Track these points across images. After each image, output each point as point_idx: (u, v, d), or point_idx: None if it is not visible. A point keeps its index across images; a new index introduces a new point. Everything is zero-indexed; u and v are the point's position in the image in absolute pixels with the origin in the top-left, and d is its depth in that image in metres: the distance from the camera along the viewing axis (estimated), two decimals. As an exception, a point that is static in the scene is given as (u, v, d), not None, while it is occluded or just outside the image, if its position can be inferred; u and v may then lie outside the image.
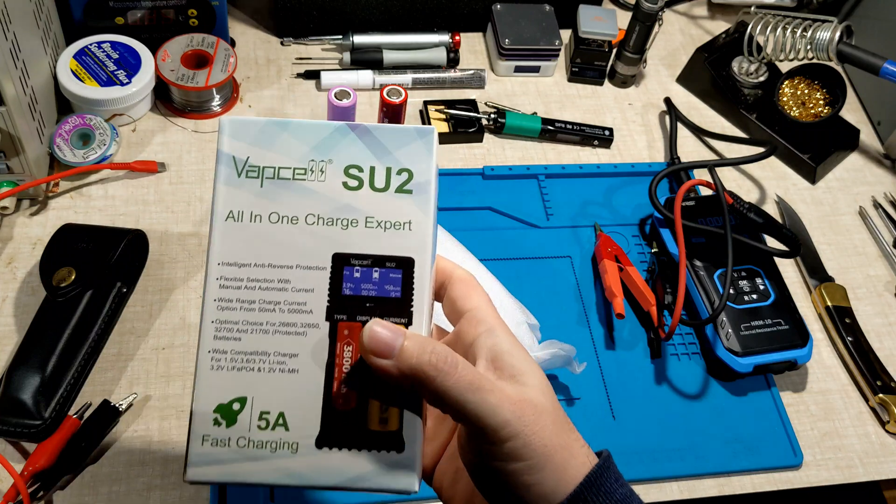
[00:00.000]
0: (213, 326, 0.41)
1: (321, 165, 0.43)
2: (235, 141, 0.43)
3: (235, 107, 0.87)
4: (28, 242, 0.74)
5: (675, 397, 0.73)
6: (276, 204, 0.42)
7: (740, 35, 0.94)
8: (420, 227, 0.42)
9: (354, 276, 0.41)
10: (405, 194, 0.42)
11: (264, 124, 0.43)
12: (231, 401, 0.40)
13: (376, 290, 0.41)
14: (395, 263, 0.42)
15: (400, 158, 0.43)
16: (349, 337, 0.41)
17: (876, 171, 0.94)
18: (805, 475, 0.71)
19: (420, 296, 0.41)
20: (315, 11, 0.92)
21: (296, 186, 0.42)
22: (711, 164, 0.82)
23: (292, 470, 0.39)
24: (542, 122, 0.88)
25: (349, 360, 0.40)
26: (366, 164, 0.42)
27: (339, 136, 0.43)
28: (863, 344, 0.77)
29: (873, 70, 0.84)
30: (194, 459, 0.39)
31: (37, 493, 0.61)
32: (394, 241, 0.42)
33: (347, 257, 0.42)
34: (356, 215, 0.42)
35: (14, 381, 0.63)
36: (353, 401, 0.40)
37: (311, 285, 0.41)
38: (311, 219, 0.42)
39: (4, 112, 0.67)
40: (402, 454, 0.39)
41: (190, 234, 0.77)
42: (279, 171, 0.42)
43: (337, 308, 0.41)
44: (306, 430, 0.40)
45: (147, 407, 0.67)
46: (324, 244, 0.42)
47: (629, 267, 0.77)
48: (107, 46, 0.82)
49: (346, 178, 0.42)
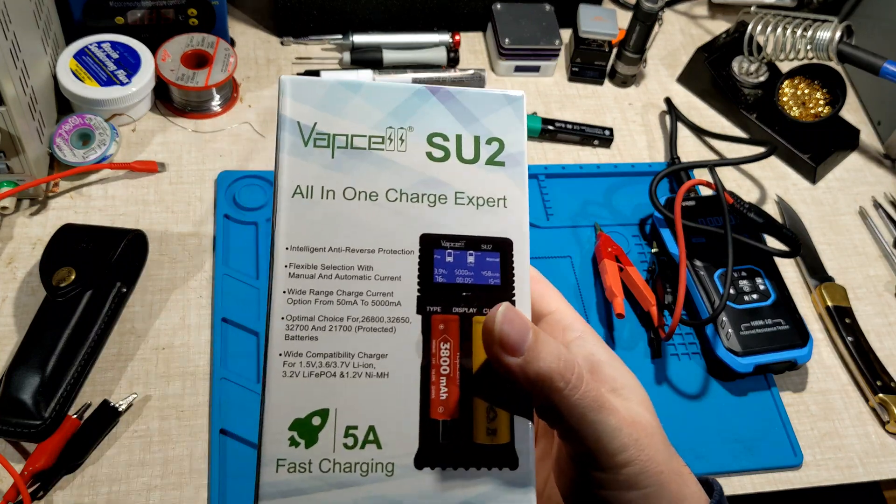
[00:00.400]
0: (284, 324, 0.34)
1: (401, 133, 0.37)
2: (300, 104, 0.37)
3: (235, 106, 0.87)
4: (28, 242, 0.74)
5: (675, 397, 0.73)
6: (351, 177, 0.36)
7: (740, 35, 0.94)
8: (516, 204, 0.37)
9: (447, 261, 0.36)
10: (497, 167, 0.37)
11: (332, 85, 0.37)
12: (310, 415, 0.33)
13: (473, 276, 0.35)
14: (491, 246, 0.36)
15: (488, 126, 0.37)
16: (445, 332, 0.35)
17: (876, 171, 0.94)
18: (805, 475, 0.71)
19: (521, 283, 0.35)
20: (315, 11, 0.92)
21: (373, 157, 0.36)
22: (711, 164, 0.82)
23: (389, 498, 0.32)
24: (542, 122, 0.88)
25: (447, 360, 0.34)
26: (451, 133, 0.37)
27: (418, 100, 0.37)
28: (863, 344, 0.77)
29: (873, 70, 0.84)
30: (268, 490, 0.32)
31: (37, 493, 0.61)
32: (488, 220, 0.36)
33: (437, 239, 0.36)
34: (444, 190, 0.36)
35: (14, 381, 0.63)
36: (455, 410, 0.33)
37: (398, 272, 0.35)
38: (392, 194, 0.36)
39: (4, 112, 0.67)
40: (515, 471, 0.33)
41: (190, 234, 0.77)
42: (352, 139, 0.36)
43: (429, 298, 0.35)
44: (403, 448, 0.33)
45: (147, 407, 0.67)
46: (410, 223, 0.36)
47: (629, 267, 0.77)
48: (107, 46, 0.82)
49: (431, 148, 0.37)
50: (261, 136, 0.85)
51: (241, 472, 0.64)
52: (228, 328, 0.71)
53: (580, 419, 0.31)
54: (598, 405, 0.32)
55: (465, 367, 0.34)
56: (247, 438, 0.65)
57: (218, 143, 0.84)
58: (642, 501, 0.33)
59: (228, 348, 0.70)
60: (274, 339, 0.34)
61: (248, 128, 0.86)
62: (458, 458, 0.33)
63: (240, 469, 0.64)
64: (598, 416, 0.32)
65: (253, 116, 0.86)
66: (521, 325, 0.31)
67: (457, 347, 0.34)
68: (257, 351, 0.70)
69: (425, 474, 0.33)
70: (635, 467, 0.32)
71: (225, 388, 0.67)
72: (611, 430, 0.32)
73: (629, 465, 0.32)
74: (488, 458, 0.33)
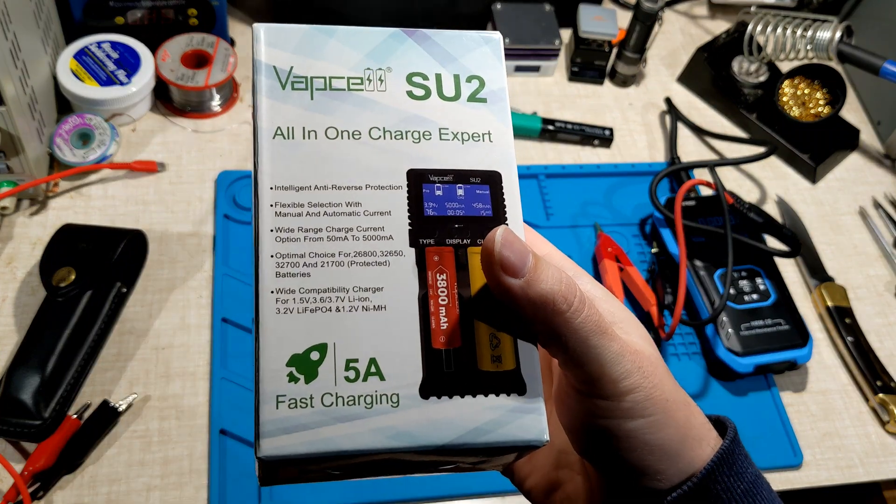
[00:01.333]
0: (274, 261, 0.33)
1: (379, 74, 0.37)
2: (275, 49, 0.37)
3: (235, 106, 0.87)
4: (28, 242, 0.74)
5: (675, 397, 0.73)
6: (333, 117, 0.36)
7: (740, 35, 0.94)
8: (502, 138, 0.37)
9: (436, 195, 0.35)
10: (479, 103, 0.37)
11: (306, 31, 0.37)
12: (308, 350, 0.32)
13: (463, 209, 0.35)
14: (480, 178, 0.36)
15: (467, 65, 0.37)
16: (440, 264, 0.34)
17: (876, 171, 0.94)
18: (805, 475, 0.71)
19: (514, 214, 0.35)
20: (315, 11, 0.92)
21: (353, 98, 0.36)
22: (712, 164, 0.82)
23: (398, 428, 0.31)
24: (542, 122, 0.88)
25: (444, 290, 0.34)
26: (430, 72, 0.37)
27: (394, 42, 0.37)
28: (863, 344, 0.77)
29: (873, 70, 0.84)
30: (269, 428, 0.31)
31: (37, 493, 0.61)
32: (475, 154, 0.36)
33: (425, 173, 0.35)
34: (428, 126, 0.36)
35: (14, 381, 0.63)
36: (457, 338, 0.33)
37: (387, 207, 0.35)
38: (375, 132, 0.36)
39: (4, 112, 0.67)
40: (524, 396, 0.32)
41: (190, 234, 0.77)
42: (331, 80, 0.36)
43: (421, 231, 0.34)
44: (407, 378, 0.32)
45: (147, 407, 0.67)
46: (395, 160, 0.35)
47: (629, 267, 0.77)
48: (107, 46, 0.82)
49: (411, 87, 0.37)
50: (261, 136, 0.85)
51: (242, 472, 0.64)
52: (228, 328, 0.71)
53: (583, 343, 0.31)
54: (600, 330, 0.31)
55: (464, 297, 0.33)
56: (247, 438, 0.65)
57: (218, 143, 0.84)
58: (647, 429, 0.32)
59: (228, 348, 0.70)
60: (264, 278, 0.33)
61: (248, 128, 0.86)
62: (465, 385, 0.32)
63: (240, 469, 0.64)
64: (601, 340, 0.31)
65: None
66: (520, 247, 0.31)
67: (453, 278, 0.34)
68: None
69: (432, 403, 0.32)
70: (640, 394, 0.31)
71: (225, 388, 0.67)
72: (613, 355, 0.31)
73: (633, 391, 0.31)
74: (495, 384, 0.32)
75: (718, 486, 0.33)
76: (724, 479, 0.33)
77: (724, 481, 0.33)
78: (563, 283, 0.31)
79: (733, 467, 0.33)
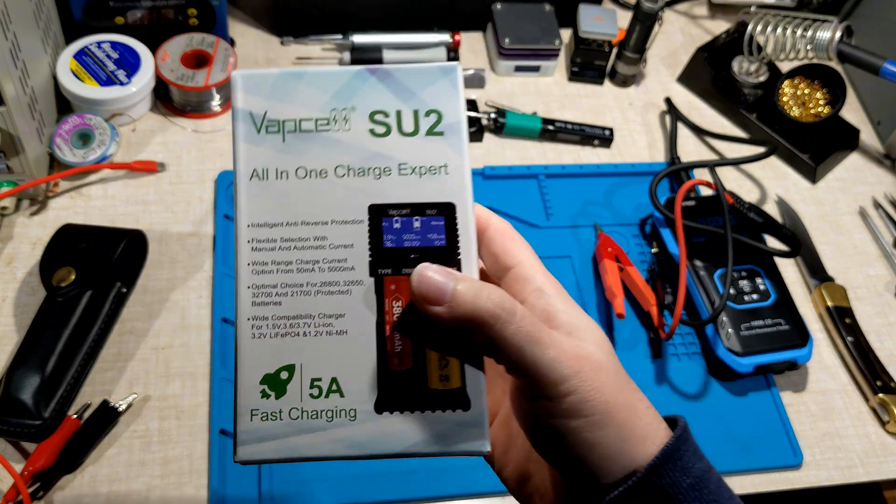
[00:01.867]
0: (251, 292, 0.38)
1: (344, 114, 0.41)
2: (251, 96, 0.40)
3: (235, 107, 0.87)
4: (28, 242, 0.74)
5: (675, 397, 0.73)
6: (302, 158, 0.40)
7: (740, 35, 0.94)
8: (457, 170, 0.40)
9: (394, 227, 0.39)
10: (437, 136, 0.40)
11: (278, 76, 0.41)
12: (278, 370, 0.37)
13: (419, 240, 0.39)
14: (435, 210, 0.40)
15: (426, 99, 0.41)
16: (397, 291, 0.38)
17: (876, 171, 0.94)
18: (805, 475, 0.71)
19: (466, 243, 0.39)
20: (315, 11, 0.92)
21: (320, 138, 0.40)
22: (712, 164, 0.82)
23: (353, 439, 0.36)
24: (542, 122, 0.88)
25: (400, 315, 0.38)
26: (391, 109, 0.40)
27: (358, 81, 0.41)
28: (863, 344, 0.77)
29: (873, 70, 0.84)
30: (244, 437, 0.36)
31: (37, 493, 0.61)
32: (431, 187, 0.40)
33: (385, 208, 0.39)
34: (388, 163, 0.40)
35: (14, 381, 0.63)
36: (409, 359, 0.37)
37: (350, 240, 0.39)
38: (340, 171, 0.40)
39: (4, 112, 0.67)
40: (468, 412, 0.36)
41: (190, 234, 0.77)
42: (300, 123, 0.40)
43: (380, 262, 0.39)
44: (363, 396, 0.37)
45: (147, 407, 0.67)
46: (358, 196, 0.39)
47: (629, 267, 0.77)
48: (107, 46, 0.82)
49: (373, 125, 0.41)
50: (261, 136, 0.85)
51: (241, 473, 0.64)
52: (228, 328, 0.71)
53: (518, 352, 0.34)
54: (533, 339, 0.34)
55: (418, 321, 0.37)
56: (247, 438, 0.65)
57: (218, 142, 0.84)
58: (587, 428, 0.34)
59: (228, 348, 0.70)
60: (242, 306, 0.38)
61: (248, 128, 0.85)
62: (415, 402, 0.36)
63: (239, 469, 0.64)
64: (535, 348, 0.34)
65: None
66: (437, 280, 0.34)
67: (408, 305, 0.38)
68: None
69: (385, 418, 0.36)
70: (577, 396, 0.34)
71: (225, 388, 0.67)
72: (549, 361, 0.34)
73: (571, 394, 0.34)
74: (442, 401, 0.36)
75: (664, 481, 0.34)
76: (669, 475, 0.34)
77: (670, 476, 0.34)
78: (489, 299, 0.34)
79: (678, 462, 0.35)
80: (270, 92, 0.40)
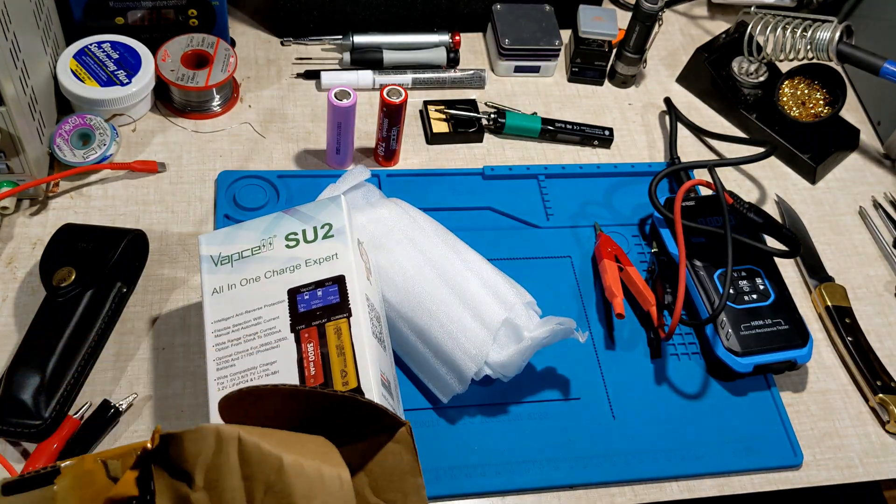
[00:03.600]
0: (215, 363, 0.58)
1: (269, 240, 0.62)
2: (210, 246, 0.63)
3: (236, 107, 0.87)
4: (28, 242, 0.74)
5: (675, 397, 0.73)
6: (243, 273, 0.61)
7: (740, 35, 0.94)
8: (345, 255, 0.60)
9: (305, 298, 0.58)
10: (330, 238, 0.61)
11: (227, 231, 0.63)
12: None
13: (321, 301, 0.58)
14: (331, 281, 0.59)
15: (322, 219, 0.62)
16: (309, 338, 0.57)
17: (876, 171, 0.94)
18: (805, 475, 0.71)
19: (354, 297, 0.58)
20: (315, 11, 0.92)
21: (254, 259, 0.62)
22: (711, 164, 0.82)
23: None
24: (542, 122, 0.88)
25: (312, 352, 0.56)
26: (299, 229, 0.62)
27: (277, 220, 0.63)
28: (863, 344, 0.77)
29: (873, 70, 0.84)
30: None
31: (37, 493, 0.61)
32: (329, 268, 0.60)
33: (298, 288, 0.59)
34: (299, 261, 0.60)
35: (14, 381, 0.63)
36: (320, 376, 0.55)
37: (277, 314, 0.58)
38: (268, 274, 0.61)
39: (4, 112, 0.67)
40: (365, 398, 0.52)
41: (190, 234, 0.77)
42: (241, 253, 0.62)
43: (297, 322, 0.58)
44: None
45: (147, 407, 0.67)
46: (280, 286, 0.60)
47: (629, 267, 0.77)
48: (107, 46, 0.82)
49: (288, 242, 0.62)
50: (261, 136, 0.85)
51: (241, 472, 0.64)
52: (228, 328, 0.71)
53: None
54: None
55: (323, 354, 0.56)
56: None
57: (218, 143, 0.84)
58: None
59: (228, 348, 0.70)
60: (210, 372, 0.58)
61: (248, 128, 0.86)
62: None
63: (240, 469, 0.64)
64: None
65: (253, 116, 0.87)
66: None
67: (316, 345, 0.57)
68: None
69: None
70: None
71: (225, 388, 0.68)
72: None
73: None
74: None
75: None
76: None
77: None
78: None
79: None
80: (222, 240, 0.63)
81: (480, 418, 0.69)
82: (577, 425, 0.70)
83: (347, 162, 0.83)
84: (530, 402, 0.70)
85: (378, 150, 0.84)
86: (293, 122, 0.87)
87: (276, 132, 0.86)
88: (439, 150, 0.87)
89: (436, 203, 0.82)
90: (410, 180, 0.83)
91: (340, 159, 0.83)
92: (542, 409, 0.70)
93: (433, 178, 0.84)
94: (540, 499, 0.66)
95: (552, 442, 0.68)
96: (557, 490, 0.67)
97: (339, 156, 0.82)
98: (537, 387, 0.71)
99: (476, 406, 0.69)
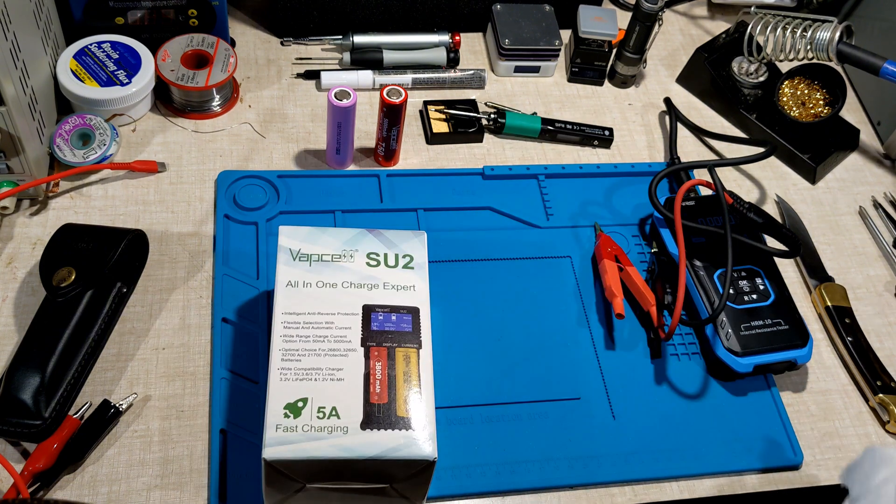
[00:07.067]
0: (281, 353, 0.57)
1: (350, 253, 0.63)
2: (290, 239, 0.63)
3: (236, 107, 0.87)
4: (28, 242, 0.74)
5: (675, 397, 0.73)
6: (321, 275, 0.62)
7: (740, 35, 0.94)
8: (421, 290, 0.62)
9: (379, 319, 0.60)
10: (409, 269, 0.63)
11: (309, 231, 0.64)
12: (296, 400, 0.55)
13: (395, 326, 0.60)
14: (406, 310, 0.61)
15: (404, 248, 0.64)
16: (378, 357, 0.58)
17: (876, 171, 0.94)
18: (805, 475, 0.71)
19: (424, 332, 0.60)
20: (315, 11, 0.92)
21: (334, 265, 0.62)
22: (711, 164, 0.82)
23: (344, 446, 0.53)
24: (542, 122, 0.88)
25: (380, 372, 0.57)
26: (381, 252, 0.64)
27: (361, 236, 0.64)
28: (863, 344, 0.77)
29: (873, 70, 0.84)
30: (270, 442, 0.53)
31: (37, 493, 0.61)
32: (404, 297, 0.61)
33: (373, 307, 0.61)
34: (377, 282, 0.62)
35: (14, 381, 0.63)
36: (385, 397, 0.56)
37: (349, 325, 0.59)
38: (345, 284, 0.61)
39: (4, 112, 0.67)
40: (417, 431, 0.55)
41: (190, 234, 0.77)
42: (322, 256, 0.63)
43: (368, 338, 0.59)
44: (353, 418, 0.55)
45: (147, 407, 0.67)
46: (355, 298, 0.61)
47: (629, 267, 0.77)
48: (107, 46, 0.82)
49: (368, 260, 0.63)
50: (261, 136, 0.85)
51: (241, 473, 0.64)
52: (228, 328, 0.71)
53: None
54: None
55: (391, 376, 0.57)
56: (247, 438, 0.65)
57: (218, 143, 0.84)
58: None
59: (228, 348, 0.70)
60: (274, 361, 0.57)
61: (248, 128, 0.86)
62: (386, 423, 0.55)
63: (240, 469, 0.64)
64: None
65: (253, 116, 0.87)
66: None
67: (385, 364, 0.58)
68: (258, 350, 0.70)
69: (367, 433, 0.54)
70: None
71: (225, 388, 0.67)
72: None
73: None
74: (405, 424, 0.55)
75: None
76: None
77: None
78: None
79: None
80: (304, 238, 0.64)
81: (480, 418, 0.69)
82: (577, 425, 0.70)
83: (347, 162, 0.83)
84: (530, 402, 0.70)
85: (378, 149, 0.84)
86: (293, 122, 0.87)
87: (276, 132, 0.86)
88: (439, 150, 0.87)
89: (436, 203, 0.82)
90: (410, 180, 0.83)
91: (340, 159, 0.83)
92: (542, 409, 0.70)
93: (433, 178, 0.84)
94: (540, 499, 0.66)
95: (552, 442, 0.68)
96: (557, 490, 0.67)
97: (339, 156, 0.82)
98: (537, 387, 0.71)
99: (476, 406, 0.69)
